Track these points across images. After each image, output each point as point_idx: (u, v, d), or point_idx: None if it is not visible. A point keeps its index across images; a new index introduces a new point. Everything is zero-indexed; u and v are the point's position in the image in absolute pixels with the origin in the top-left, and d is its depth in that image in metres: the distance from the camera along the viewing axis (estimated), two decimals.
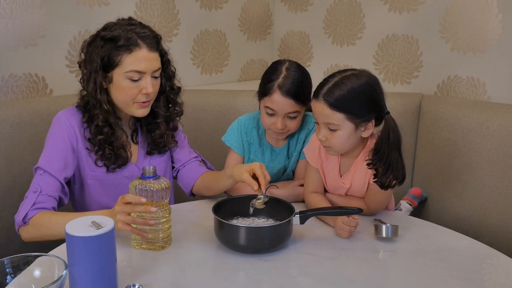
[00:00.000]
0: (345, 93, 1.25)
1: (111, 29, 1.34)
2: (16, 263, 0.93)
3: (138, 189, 1.14)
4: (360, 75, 1.29)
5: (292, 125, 1.49)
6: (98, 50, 1.33)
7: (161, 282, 1.04)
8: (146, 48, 1.33)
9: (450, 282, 1.06)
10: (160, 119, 1.46)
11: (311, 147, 1.44)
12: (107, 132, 1.37)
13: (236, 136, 1.59)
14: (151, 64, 1.34)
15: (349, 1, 2.37)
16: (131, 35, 1.32)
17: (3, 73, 1.74)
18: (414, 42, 2.14)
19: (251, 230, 1.16)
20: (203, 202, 1.50)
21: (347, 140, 1.30)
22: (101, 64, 1.33)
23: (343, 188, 1.41)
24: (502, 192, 1.65)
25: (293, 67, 1.47)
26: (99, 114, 1.36)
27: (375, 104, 1.29)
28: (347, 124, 1.27)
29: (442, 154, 1.82)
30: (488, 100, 1.92)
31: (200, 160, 1.61)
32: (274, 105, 1.44)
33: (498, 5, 1.85)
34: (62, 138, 1.37)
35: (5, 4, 1.69)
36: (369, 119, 1.29)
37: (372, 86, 1.28)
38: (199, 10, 2.34)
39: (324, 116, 1.28)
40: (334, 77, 1.29)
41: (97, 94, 1.35)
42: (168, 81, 1.46)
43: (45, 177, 1.32)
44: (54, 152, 1.36)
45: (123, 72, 1.32)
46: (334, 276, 1.09)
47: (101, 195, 1.45)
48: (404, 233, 1.28)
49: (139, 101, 1.36)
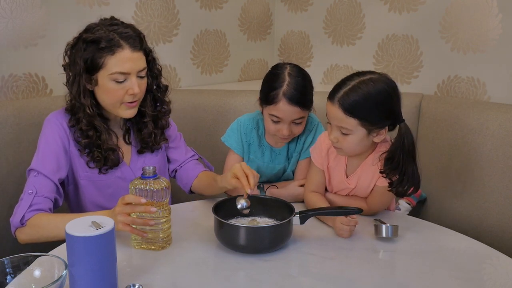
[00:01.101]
0: (360, 99, 1.23)
1: (92, 30, 1.32)
2: (16, 263, 0.93)
3: (138, 189, 1.14)
4: (378, 81, 1.25)
5: (297, 130, 1.49)
6: (81, 53, 1.31)
7: (161, 282, 1.04)
8: (129, 49, 1.31)
9: (450, 282, 1.06)
10: (147, 118, 1.45)
11: (317, 148, 1.44)
12: (92, 135, 1.36)
13: (236, 137, 1.59)
14: (135, 64, 1.32)
15: (349, 1, 2.37)
16: (113, 36, 1.30)
17: (3, 73, 1.74)
18: (414, 42, 2.14)
19: (251, 230, 1.16)
20: (203, 202, 1.50)
21: (358, 144, 1.29)
22: (85, 67, 1.31)
23: (348, 189, 1.42)
24: (502, 192, 1.65)
25: (294, 72, 1.45)
26: (83, 118, 1.35)
27: (390, 112, 1.27)
28: (359, 130, 1.26)
29: (442, 154, 1.82)
30: (488, 100, 1.92)
31: (198, 158, 1.61)
32: (281, 113, 1.43)
33: (498, 5, 1.85)
34: (54, 139, 1.36)
35: (5, 4, 1.69)
36: (383, 126, 1.28)
37: (389, 94, 1.25)
38: (199, 10, 2.34)
39: (337, 120, 1.27)
40: (351, 81, 1.26)
41: (81, 98, 1.34)
42: (155, 80, 1.45)
43: (40, 179, 1.32)
44: (47, 153, 1.35)
45: (107, 75, 1.30)
46: (334, 276, 1.09)
47: (95, 196, 1.44)
48: (404, 233, 1.28)
49: (126, 101, 1.35)
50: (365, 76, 1.27)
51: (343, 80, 1.28)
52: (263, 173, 1.60)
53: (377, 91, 1.24)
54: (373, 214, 1.40)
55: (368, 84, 1.24)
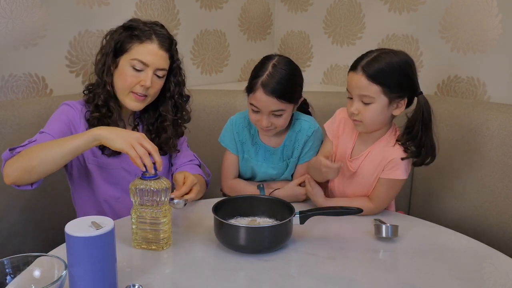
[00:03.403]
0: (383, 66, 1.30)
1: (134, 20, 1.44)
2: (16, 263, 0.93)
3: (138, 189, 1.14)
4: (398, 53, 1.35)
5: (278, 122, 1.47)
6: (115, 36, 1.41)
7: (161, 282, 1.04)
8: (157, 44, 1.39)
9: (450, 282, 1.06)
10: (168, 122, 1.49)
11: (331, 119, 1.51)
12: (104, 113, 1.41)
13: (230, 136, 1.59)
14: (156, 60, 1.39)
15: (349, 1, 2.37)
16: (148, 29, 1.40)
17: (3, 73, 1.74)
18: (414, 42, 2.14)
19: (251, 230, 1.16)
20: (203, 202, 1.50)
21: (379, 115, 1.33)
22: (114, 48, 1.40)
23: (348, 172, 1.42)
24: (502, 192, 1.65)
25: (281, 64, 1.44)
26: (101, 93, 1.41)
27: (411, 82, 1.35)
28: (382, 98, 1.31)
29: (442, 154, 1.82)
30: (488, 100, 1.92)
31: (197, 164, 1.61)
32: (258, 103, 1.43)
33: (498, 5, 1.85)
34: (66, 115, 1.42)
35: (5, 4, 1.69)
36: (403, 96, 1.34)
37: (409, 64, 1.34)
38: (199, 10, 2.34)
39: (359, 88, 1.32)
40: (373, 52, 1.34)
41: (104, 75, 1.41)
42: (177, 87, 1.50)
43: (43, 136, 1.34)
44: (56, 121, 1.40)
45: (129, 59, 1.38)
46: (334, 276, 1.09)
47: (100, 183, 1.46)
48: (404, 233, 1.28)
49: (136, 91, 1.39)
50: (386, 49, 1.36)
51: (365, 53, 1.36)
52: (257, 172, 1.60)
53: (398, 61, 1.32)
54: (374, 212, 1.40)
55: (389, 54, 1.33)
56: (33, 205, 1.68)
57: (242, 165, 1.61)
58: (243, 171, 1.63)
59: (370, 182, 1.41)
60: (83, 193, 1.50)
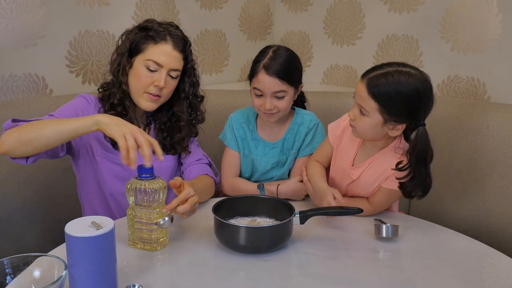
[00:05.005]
0: (389, 88, 1.22)
1: (149, 20, 1.45)
2: (16, 263, 0.93)
3: (134, 189, 1.14)
4: (414, 77, 1.23)
5: (281, 105, 1.50)
6: (130, 36, 1.43)
7: (161, 282, 1.04)
8: (171, 45, 1.40)
9: (450, 282, 1.06)
10: (183, 122, 1.51)
11: (336, 124, 1.47)
12: (119, 111, 1.43)
13: (230, 133, 1.63)
14: (170, 61, 1.40)
15: (349, 1, 2.37)
16: (162, 29, 1.41)
17: (3, 73, 1.74)
18: (414, 42, 2.14)
19: (251, 230, 1.16)
20: (203, 202, 1.50)
21: (370, 129, 1.29)
22: (129, 48, 1.42)
23: (349, 179, 1.41)
24: (502, 192, 1.65)
25: (281, 49, 1.50)
26: (116, 93, 1.43)
27: (411, 112, 1.25)
28: (376, 115, 1.26)
29: (442, 154, 1.82)
30: (488, 100, 1.92)
31: (206, 163, 1.61)
32: (261, 85, 1.47)
33: (498, 5, 1.85)
34: (79, 105, 1.42)
35: (5, 4, 1.69)
36: (400, 121, 1.27)
37: (419, 94, 1.22)
38: (199, 10, 2.34)
39: (360, 98, 1.28)
40: (389, 67, 1.25)
41: (119, 75, 1.42)
42: (192, 88, 1.52)
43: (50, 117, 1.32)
44: (67, 108, 1.40)
45: (143, 59, 1.39)
46: (334, 276, 1.09)
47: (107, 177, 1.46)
48: (404, 233, 1.28)
49: (150, 92, 1.40)
50: (406, 67, 1.25)
51: (382, 64, 1.28)
52: (258, 167, 1.61)
53: (408, 86, 1.22)
54: (375, 214, 1.40)
55: (402, 75, 1.22)
56: (33, 205, 1.67)
57: (243, 162, 1.63)
58: (243, 169, 1.64)
59: (370, 191, 1.41)
60: (89, 186, 1.50)
